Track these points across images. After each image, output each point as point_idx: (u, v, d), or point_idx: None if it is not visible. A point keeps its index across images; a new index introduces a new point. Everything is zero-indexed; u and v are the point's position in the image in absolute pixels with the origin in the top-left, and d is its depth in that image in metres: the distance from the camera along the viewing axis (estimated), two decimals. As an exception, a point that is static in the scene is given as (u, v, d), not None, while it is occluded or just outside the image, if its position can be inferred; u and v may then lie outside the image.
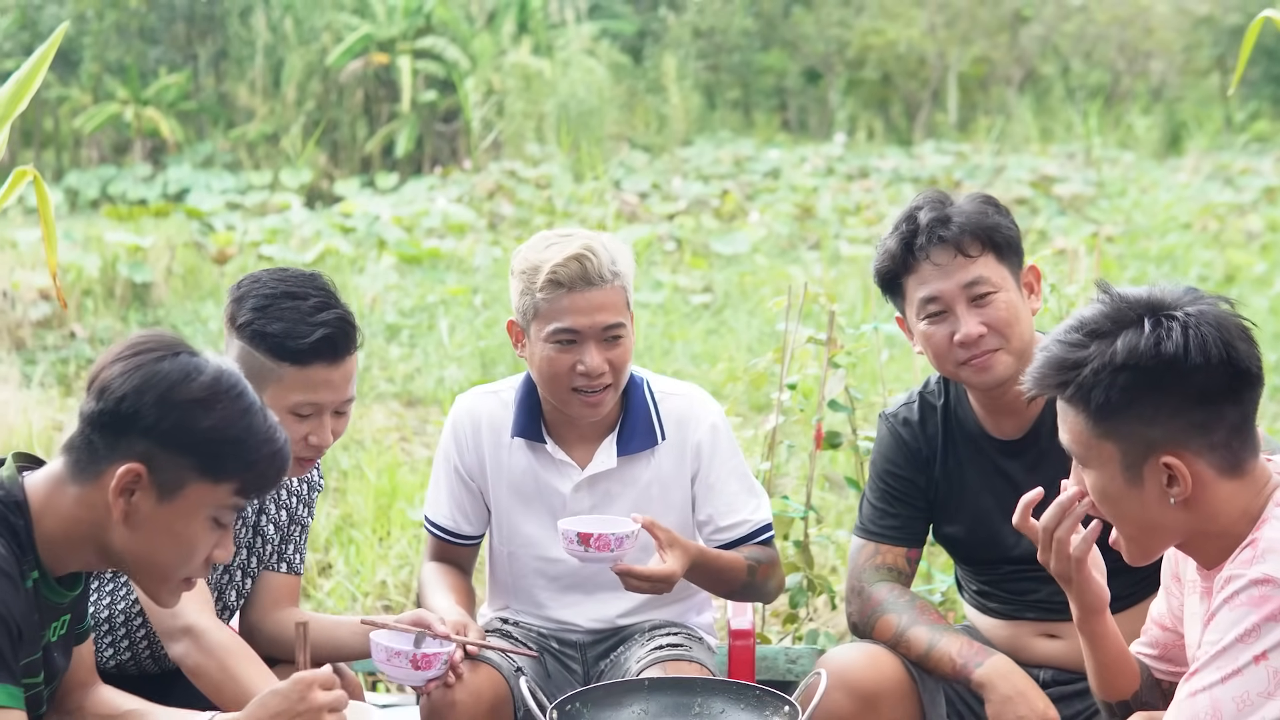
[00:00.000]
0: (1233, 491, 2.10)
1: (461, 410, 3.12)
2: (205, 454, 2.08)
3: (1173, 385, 2.05)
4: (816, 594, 3.87)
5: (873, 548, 2.96)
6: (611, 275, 2.89)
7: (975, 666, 2.75)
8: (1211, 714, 1.98)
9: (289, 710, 2.18)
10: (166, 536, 2.13)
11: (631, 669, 2.96)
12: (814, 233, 12.39)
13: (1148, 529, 2.14)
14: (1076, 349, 2.10)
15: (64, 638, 2.29)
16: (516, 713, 2.91)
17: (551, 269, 2.87)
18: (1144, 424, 2.06)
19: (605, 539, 2.74)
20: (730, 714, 2.63)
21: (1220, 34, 20.17)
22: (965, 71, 20.52)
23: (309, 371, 2.67)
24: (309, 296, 2.70)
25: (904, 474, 2.96)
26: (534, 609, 3.14)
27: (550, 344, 2.91)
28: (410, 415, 7.52)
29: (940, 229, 2.78)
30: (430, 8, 17.87)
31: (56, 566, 2.18)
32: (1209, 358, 2.04)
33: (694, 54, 20.06)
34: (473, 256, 11.13)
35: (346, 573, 5.26)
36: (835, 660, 2.81)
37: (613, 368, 2.92)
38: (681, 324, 8.96)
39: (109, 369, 2.09)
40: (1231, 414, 2.08)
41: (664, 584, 2.81)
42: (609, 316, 2.89)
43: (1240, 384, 2.07)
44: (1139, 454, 2.08)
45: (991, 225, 2.80)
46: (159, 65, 18.20)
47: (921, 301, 2.81)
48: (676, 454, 3.04)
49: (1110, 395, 2.06)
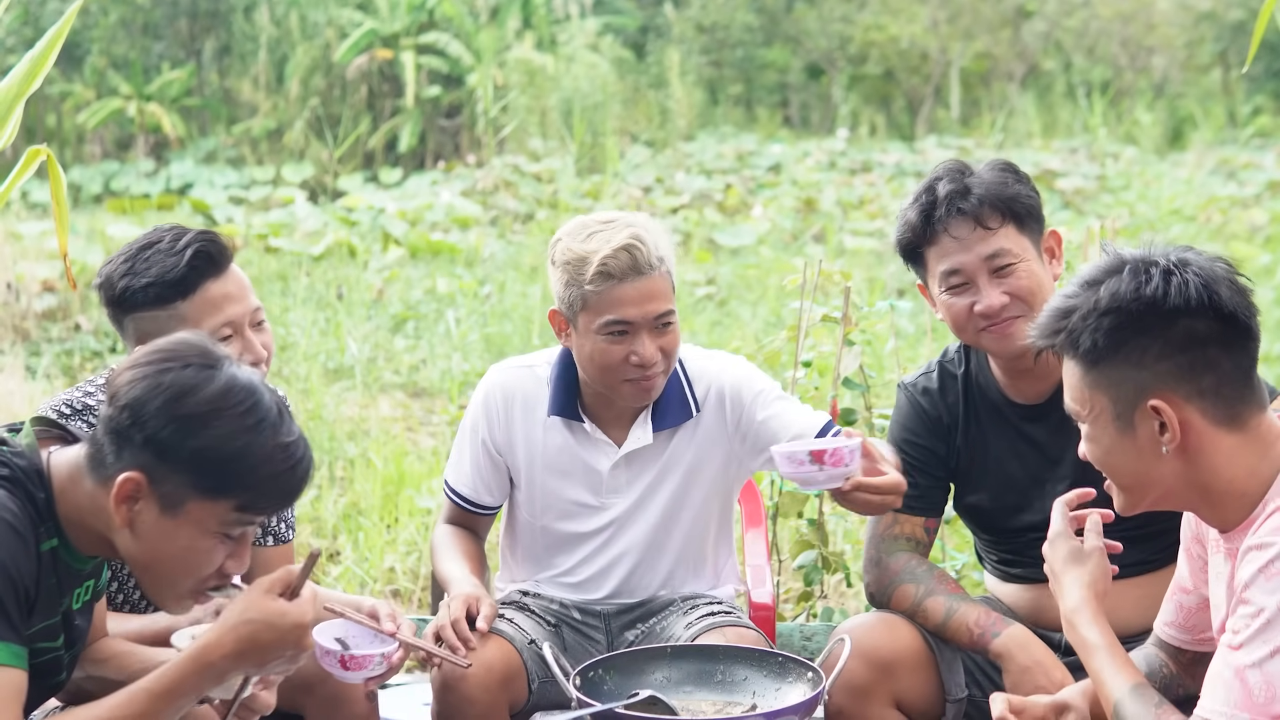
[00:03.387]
0: (1234, 446, 2.09)
1: (494, 383, 3.10)
2: (200, 471, 2.03)
3: (1156, 328, 2.07)
4: (831, 572, 3.87)
5: (890, 517, 2.94)
6: (659, 261, 2.86)
7: (993, 636, 2.74)
8: (1266, 690, 1.97)
9: (281, 650, 2.11)
10: (170, 548, 2.08)
11: (679, 635, 2.94)
12: (817, 226, 12.39)
13: (1142, 479, 2.15)
14: (1070, 299, 2.14)
15: (88, 603, 2.28)
16: (530, 684, 2.91)
17: (601, 261, 2.82)
18: (1132, 368, 2.08)
19: (840, 453, 2.54)
20: (753, 681, 2.62)
21: (1223, 29, 20.16)
22: (968, 67, 20.50)
23: (201, 294, 2.66)
24: (161, 238, 2.71)
25: (923, 443, 2.95)
26: (562, 578, 3.13)
27: (602, 335, 2.88)
28: (416, 405, 7.53)
29: (959, 201, 2.78)
30: (434, 3, 17.86)
31: (77, 544, 2.16)
32: (1189, 300, 2.06)
33: (697, 49, 20.04)
34: (479, 249, 11.13)
35: (355, 559, 5.27)
36: (853, 629, 2.80)
37: (665, 354, 2.90)
38: (687, 316, 8.95)
39: (123, 374, 2.07)
40: (1221, 361, 2.08)
41: (895, 495, 2.67)
42: (660, 305, 2.87)
43: (1228, 330, 2.08)
44: (1129, 400, 2.10)
45: (1011, 195, 2.79)
46: (162, 61, 18.18)
47: (943, 274, 2.81)
48: (709, 417, 3.03)
49: (1096, 339, 2.09)
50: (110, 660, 2.42)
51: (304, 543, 5.42)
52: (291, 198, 14.05)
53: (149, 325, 2.66)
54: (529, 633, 2.96)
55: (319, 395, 7.12)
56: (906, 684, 2.81)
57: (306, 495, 5.75)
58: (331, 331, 8.55)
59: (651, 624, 3.07)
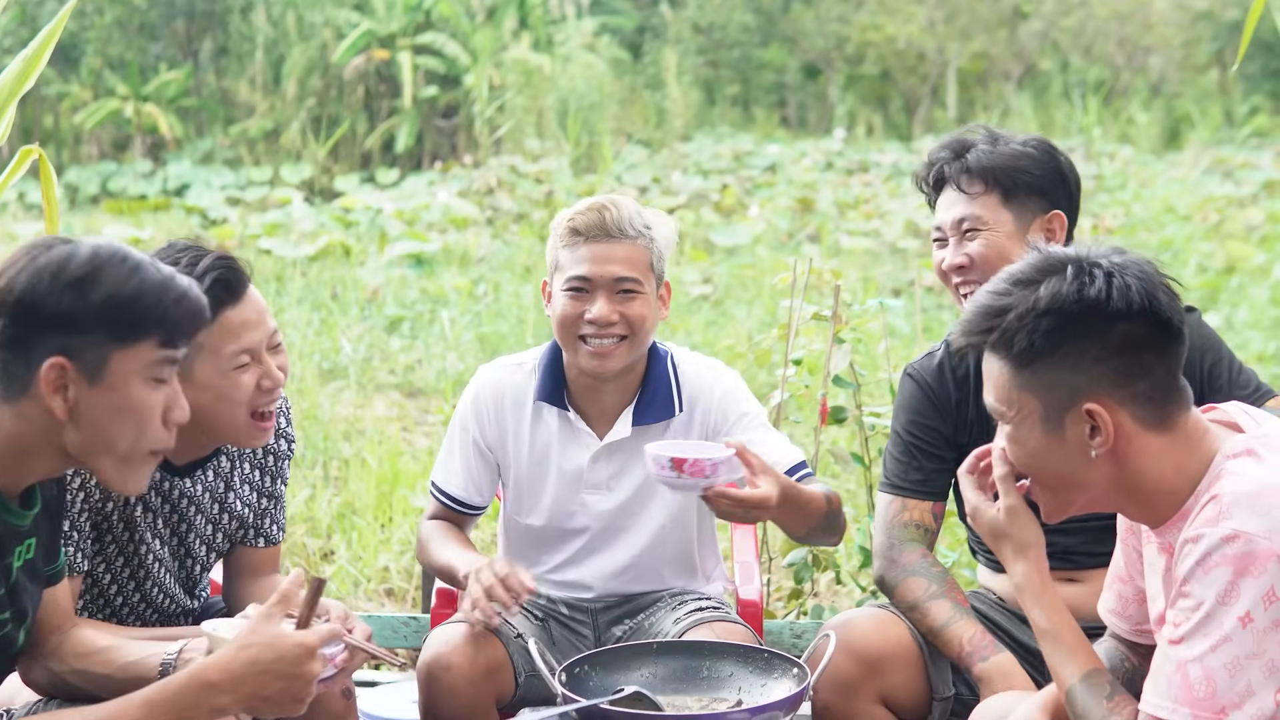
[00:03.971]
0: (1161, 447, 2.08)
1: (484, 382, 3.11)
2: (111, 322, 2.06)
3: (1095, 331, 2.05)
4: (821, 570, 3.88)
5: (900, 503, 2.95)
6: (634, 231, 2.92)
7: (980, 660, 2.74)
8: (1205, 684, 1.97)
9: (283, 673, 2.09)
10: (114, 416, 2.10)
11: (668, 631, 2.95)
12: (813, 226, 12.40)
13: (1068, 483, 2.12)
14: (1002, 297, 2.10)
15: (32, 564, 2.26)
16: (517, 679, 2.91)
17: (570, 217, 2.93)
18: (1067, 371, 2.06)
19: (700, 464, 2.65)
20: (739, 677, 2.63)
21: (1219, 29, 20.17)
22: (964, 67, 20.52)
23: (220, 324, 2.59)
24: (177, 262, 2.59)
25: (929, 423, 2.95)
26: (549, 575, 3.14)
27: (565, 293, 2.93)
28: (411, 405, 7.53)
29: (949, 165, 2.92)
30: (430, 4, 17.87)
31: (10, 485, 2.15)
32: (1131, 304, 2.04)
33: (693, 50, 20.06)
34: (474, 249, 11.14)
35: (349, 558, 5.28)
36: (841, 626, 2.80)
37: (625, 321, 2.91)
38: (682, 315, 8.97)
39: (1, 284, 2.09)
40: (1155, 366, 2.07)
41: (758, 510, 2.71)
42: (622, 269, 2.90)
43: (1162, 335, 2.07)
44: (1061, 403, 2.07)
45: (1004, 167, 2.89)
46: (159, 61, 18.20)
47: (934, 227, 2.95)
48: (688, 422, 3.04)
49: (1033, 340, 2.05)
50: (94, 655, 2.41)
51: (299, 542, 5.43)
52: (288, 198, 14.06)
53: None
54: (516, 628, 2.97)
55: (314, 395, 7.13)
56: (894, 681, 2.81)
57: (301, 494, 5.77)
58: (326, 331, 8.56)
59: (639, 619, 3.08)
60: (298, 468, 6.16)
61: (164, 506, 2.77)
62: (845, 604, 4.40)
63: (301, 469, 6.18)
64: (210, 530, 2.86)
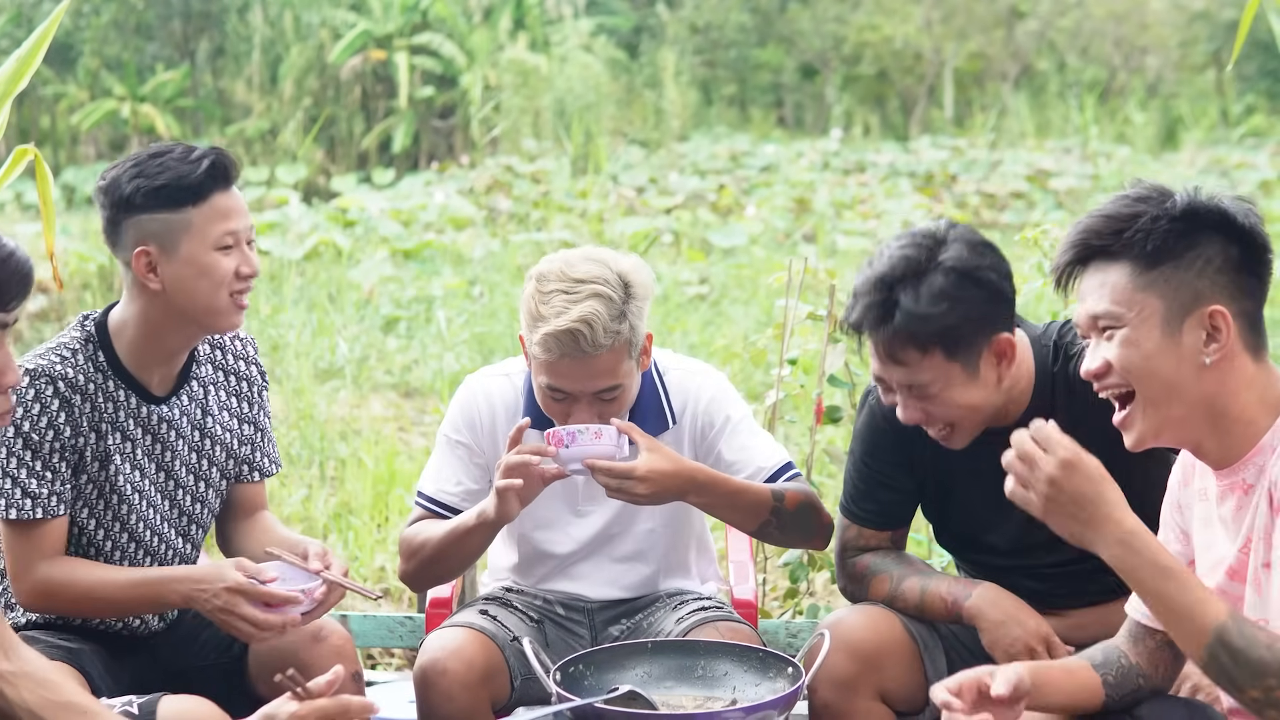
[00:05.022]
0: (1253, 374, 2.17)
1: (474, 391, 3.07)
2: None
3: (1219, 243, 2.16)
4: (817, 569, 3.88)
5: (855, 530, 2.92)
6: (609, 341, 2.77)
7: (965, 599, 2.75)
8: None
9: None
10: None
11: (670, 630, 2.94)
12: (810, 225, 12.40)
13: (1171, 394, 2.15)
14: (1131, 205, 2.18)
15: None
16: (513, 681, 2.91)
17: (544, 336, 2.77)
18: (1194, 275, 2.14)
19: (558, 434, 2.74)
20: (734, 676, 2.63)
21: (1216, 29, 20.18)
22: (961, 67, 20.52)
23: (212, 203, 2.73)
24: (172, 149, 2.77)
25: (887, 457, 2.86)
26: (541, 583, 3.14)
27: (544, 392, 2.88)
28: (408, 405, 7.53)
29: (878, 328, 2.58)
30: (427, 4, 17.87)
31: None
32: (1253, 226, 2.17)
33: (690, 50, 20.05)
34: (470, 250, 11.13)
35: (345, 558, 5.27)
36: (836, 623, 2.81)
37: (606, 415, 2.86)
38: (679, 314, 8.98)
39: None
40: (1257, 291, 2.18)
41: (632, 481, 2.72)
42: (601, 381, 2.82)
43: (1264, 266, 2.19)
44: (1184, 306, 2.14)
45: (936, 330, 2.54)
46: (156, 62, 18.18)
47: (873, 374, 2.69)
48: (683, 432, 3.03)
49: (1167, 241, 2.15)
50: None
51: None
52: (285, 198, 14.05)
53: (154, 227, 2.71)
54: (511, 629, 2.96)
55: (310, 395, 7.13)
56: (891, 676, 2.82)
57: (297, 494, 5.76)
58: (323, 331, 8.56)
59: (637, 620, 3.08)
60: (294, 467, 6.16)
61: (144, 436, 2.82)
62: (840, 603, 4.39)
63: (298, 469, 6.18)
64: (195, 459, 2.89)
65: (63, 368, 2.72)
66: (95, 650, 2.79)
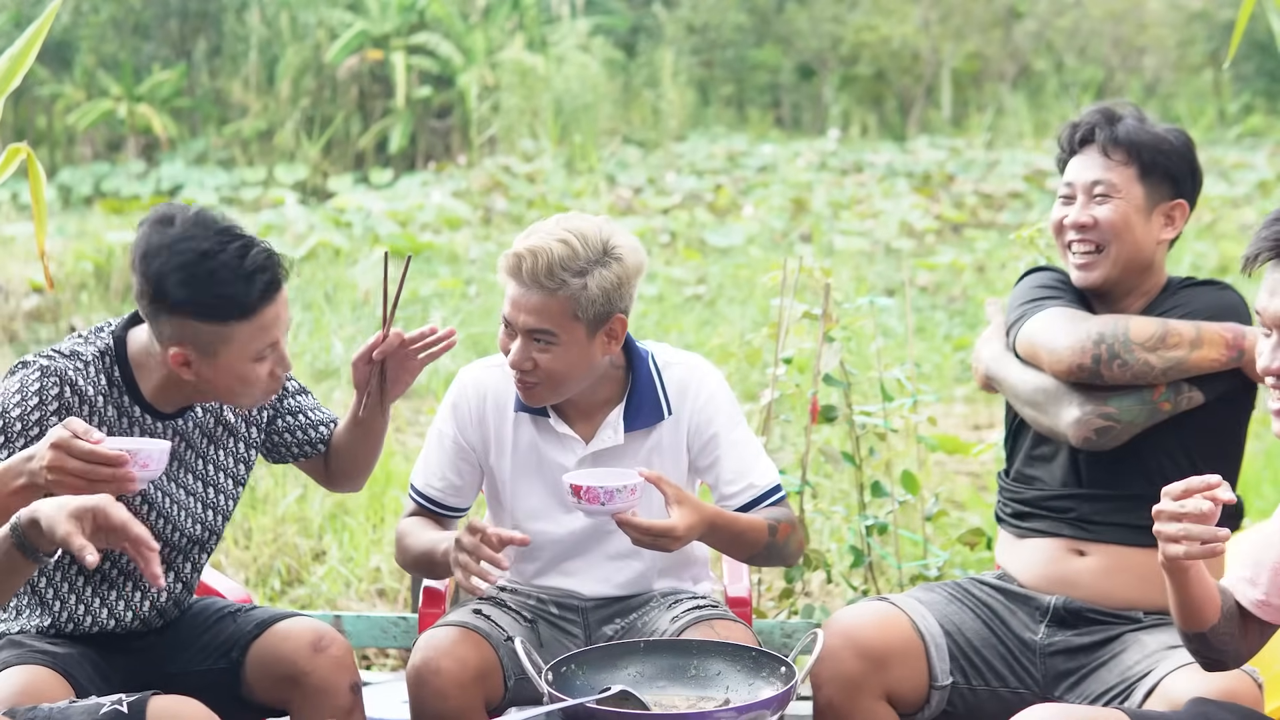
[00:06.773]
0: None
1: (465, 383, 3.09)
2: None
3: None
4: (812, 569, 3.87)
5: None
6: (552, 285, 2.81)
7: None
8: None
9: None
10: None
11: (665, 629, 2.94)
12: (807, 225, 12.39)
13: None
14: None
15: None
16: (506, 681, 2.90)
17: (503, 254, 2.88)
18: None
19: (594, 492, 2.71)
20: (726, 675, 2.63)
21: (1214, 29, 20.17)
22: (959, 67, 20.50)
23: (260, 317, 2.65)
24: (225, 246, 2.61)
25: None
26: (534, 578, 3.13)
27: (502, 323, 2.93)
28: (403, 406, 7.51)
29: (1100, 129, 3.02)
30: (424, 4, 17.85)
31: None
32: None
33: (687, 50, 20.03)
34: (466, 250, 11.13)
35: (340, 558, 5.27)
36: (843, 621, 2.80)
37: (539, 368, 2.88)
38: (675, 314, 8.98)
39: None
40: None
41: (665, 539, 2.76)
42: (533, 320, 2.84)
43: None
44: None
45: (1150, 145, 2.98)
46: (153, 62, 18.15)
47: (1063, 184, 3.07)
48: (675, 424, 3.03)
49: None
50: None
51: (290, 543, 5.42)
52: (282, 199, 14.04)
53: (195, 334, 2.64)
54: (505, 629, 2.96)
55: (306, 395, 7.11)
56: (897, 676, 2.82)
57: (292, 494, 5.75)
58: (319, 331, 8.55)
59: (631, 619, 3.07)
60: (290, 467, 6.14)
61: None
62: (836, 604, 4.39)
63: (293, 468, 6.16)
64: (202, 465, 2.91)
65: (74, 375, 2.71)
66: (85, 654, 2.78)
